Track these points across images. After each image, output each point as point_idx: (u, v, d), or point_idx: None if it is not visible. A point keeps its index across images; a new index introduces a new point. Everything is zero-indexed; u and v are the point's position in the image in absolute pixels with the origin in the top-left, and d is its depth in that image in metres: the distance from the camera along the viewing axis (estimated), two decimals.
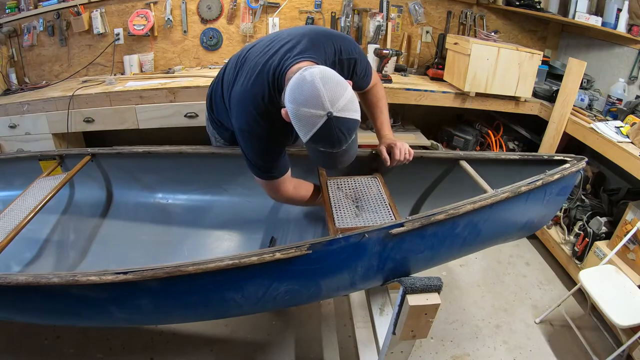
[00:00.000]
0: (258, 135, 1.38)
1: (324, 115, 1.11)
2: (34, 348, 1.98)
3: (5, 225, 1.55)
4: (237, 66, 1.47)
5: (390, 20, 3.26)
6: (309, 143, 1.18)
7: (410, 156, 1.69)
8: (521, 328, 2.22)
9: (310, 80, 1.13)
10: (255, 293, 1.29)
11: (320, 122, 1.12)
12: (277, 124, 1.33)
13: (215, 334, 2.10)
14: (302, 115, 1.14)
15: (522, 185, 1.43)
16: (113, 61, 3.18)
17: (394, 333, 1.36)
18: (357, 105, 1.18)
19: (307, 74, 1.15)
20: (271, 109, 1.34)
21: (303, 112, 1.13)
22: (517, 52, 2.67)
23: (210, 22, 3.16)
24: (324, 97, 1.11)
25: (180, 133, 2.82)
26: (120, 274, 1.17)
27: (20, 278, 1.20)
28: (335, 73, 1.19)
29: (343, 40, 1.47)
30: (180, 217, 2.11)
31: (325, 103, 1.11)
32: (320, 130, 1.13)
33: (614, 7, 2.56)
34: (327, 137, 1.15)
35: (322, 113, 1.11)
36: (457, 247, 1.49)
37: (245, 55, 1.48)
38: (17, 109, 2.70)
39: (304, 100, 1.13)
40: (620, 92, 2.57)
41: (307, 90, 1.13)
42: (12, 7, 3.04)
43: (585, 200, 2.57)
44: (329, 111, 1.11)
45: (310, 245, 1.20)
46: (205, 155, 1.93)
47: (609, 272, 2.00)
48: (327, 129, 1.13)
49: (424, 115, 3.51)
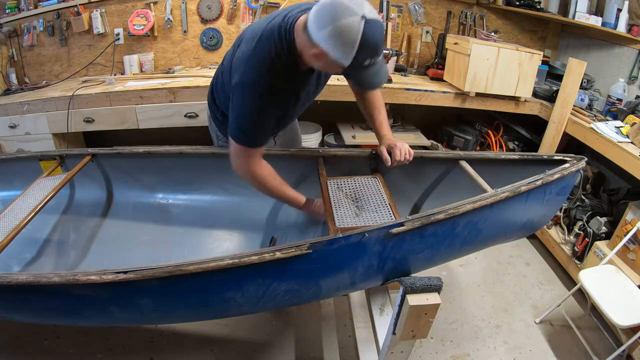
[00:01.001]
0: (258, 90, 1.36)
1: (361, 19, 1.15)
2: (34, 348, 1.98)
3: (6, 225, 1.55)
4: (236, 44, 1.49)
5: (390, 20, 3.26)
6: (356, 59, 1.20)
7: (410, 156, 1.68)
8: (521, 328, 2.22)
9: (330, 1, 1.18)
10: (256, 292, 1.29)
11: (361, 27, 1.15)
12: (281, 85, 1.35)
13: (215, 334, 2.10)
14: (341, 29, 1.16)
15: (522, 185, 1.44)
16: (113, 61, 3.18)
17: (394, 333, 1.36)
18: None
19: (322, 1, 1.19)
20: (277, 65, 1.33)
21: (341, 25, 1.15)
22: (517, 52, 2.67)
23: (210, 22, 3.16)
24: (352, 5, 1.16)
25: (180, 133, 2.83)
26: (121, 273, 1.17)
27: (20, 277, 1.20)
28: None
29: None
30: (180, 217, 2.11)
31: (356, 9, 1.15)
32: (364, 36, 1.16)
33: (614, 7, 2.56)
34: (371, 42, 1.18)
35: (358, 18, 1.15)
36: (457, 247, 1.49)
37: (242, 34, 1.50)
38: (17, 109, 2.71)
39: (336, 15, 1.16)
40: (620, 92, 2.57)
41: (334, 6, 1.17)
42: (12, 7, 3.04)
43: (585, 200, 2.57)
44: (362, 14, 1.15)
45: (310, 245, 1.20)
46: (206, 155, 1.94)
47: (609, 272, 2.00)
48: (369, 31, 1.16)
49: (424, 115, 3.51)
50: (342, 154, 1.89)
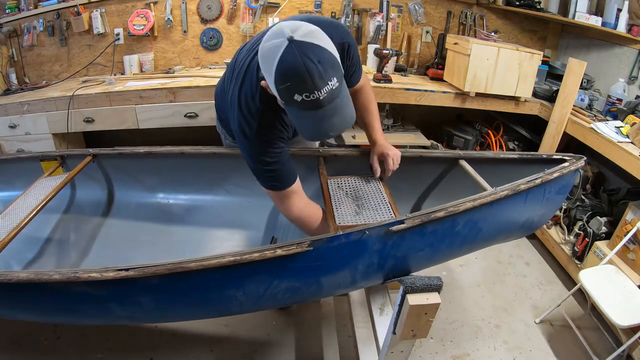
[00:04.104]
0: (249, 135, 1.32)
1: (284, 40, 1.03)
2: (34, 348, 1.98)
3: (6, 224, 1.55)
4: (230, 73, 1.46)
5: (390, 20, 3.26)
6: (283, 94, 1.07)
7: (397, 165, 1.67)
8: (521, 328, 2.22)
9: (274, 25, 1.11)
10: (257, 290, 1.29)
11: (281, 48, 1.02)
12: (268, 121, 1.31)
13: (215, 334, 2.10)
14: (265, 52, 1.07)
15: (522, 184, 1.44)
16: (113, 61, 3.18)
17: (394, 333, 1.36)
18: (326, 39, 1.09)
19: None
20: (260, 105, 1.29)
21: (265, 48, 1.06)
22: (517, 52, 2.67)
23: (210, 22, 3.17)
24: (285, 27, 1.05)
25: (180, 133, 2.83)
26: (122, 270, 1.17)
27: (21, 275, 1.21)
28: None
29: (332, 26, 1.35)
30: (181, 217, 2.11)
31: (285, 30, 1.04)
32: (283, 58, 1.02)
33: (614, 7, 2.56)
34: (295, 69, 1.02)
35: (281, 40, 1.03)
36: (457, 246, 1.49)
37: (233, 61, 1.47)
38: (17, 109, 2.71)
39: (266, 38, 1.08)
40: (620, 92, 2.57)
41: (270, 31, 1.09)
42: (12, 7, 3.05)
43: (585, 200, 2.57)
44: (289, 36, 1.02)
45: (311, 242, 1.20)
46: (207, 155, 1.94)
47: (609, 272, 2.00)
48: (290, 55, 1.02)
49: (424, 115, 3.51)
50: (342, 153, 1.89)
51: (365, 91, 1.70)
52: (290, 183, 1.43)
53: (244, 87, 1.32)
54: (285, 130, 1.38)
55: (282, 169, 1.39)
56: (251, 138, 1.32)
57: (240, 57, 1.42)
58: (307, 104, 1.06)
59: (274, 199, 1.48)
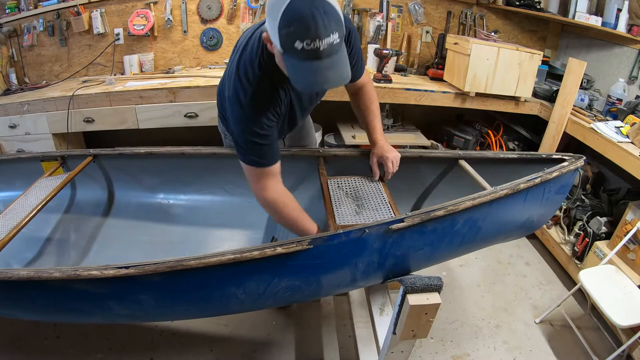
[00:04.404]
0: (242, 101, 1.29)
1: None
2: (34, 348, 1.97)
3: (6, 223, 1.55)
4: (231, 56, 1.46)
5: (390, 20, 3.27)
6: (284, 37, 1.05)
7: (397, 167, 1.68)
8: (521, 328, 2.22)
9: None
10: (257, 288, 1.29)
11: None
12: (264, 90, 1.30)
13: (215, 334, 2.10)
14: (271, 2, 1.05)
15: (521, 183, 1.44)
16: (113, 61, 3.18)
17: (394, 333, 1.36)
18: (335, 1, 1.08)
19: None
20: (258, 72, 1.28)
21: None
22: (517, 52, 2.67)
23: (210, 22, 3.17)
24: None
25: (180, 133, 2.83)
26: (122, 268, 1.17)
27: (21, 273, 1.21)
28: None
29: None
30: (181, 217, 2.11)
31: None
32: (293, 2, 1.01)
33: (614, 7, 2.57)
34: (301, 14, 1.01)
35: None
36: (457, 245, 1.49)
37: (236, 44, 1.47)
38: (17, 109, 2.70)
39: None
40: (620, 92, 2.57)
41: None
42: (12, 7, 3.04)
43: (585, 200, 2.58)
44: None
45: (311, 240, 1.20)
46: (207, 156, 1.94)
47: (609, 272, 2.00)
48: (300, 1, 1.01)
49: (424, 115, 3.51)
50: (342, 153, 1.89)
51: (368, 90, 1.70)
52: (273, 162, 1.40)
53: (244, 55, 1.31)
54: (278, 106, 1.36)
55: (269, 145, 1.37)
56: (245, 105, 1.30)
57: (241, 38, 1.42)
58: (307, 53, 1.05)
59: (250, 176, 1.43)
